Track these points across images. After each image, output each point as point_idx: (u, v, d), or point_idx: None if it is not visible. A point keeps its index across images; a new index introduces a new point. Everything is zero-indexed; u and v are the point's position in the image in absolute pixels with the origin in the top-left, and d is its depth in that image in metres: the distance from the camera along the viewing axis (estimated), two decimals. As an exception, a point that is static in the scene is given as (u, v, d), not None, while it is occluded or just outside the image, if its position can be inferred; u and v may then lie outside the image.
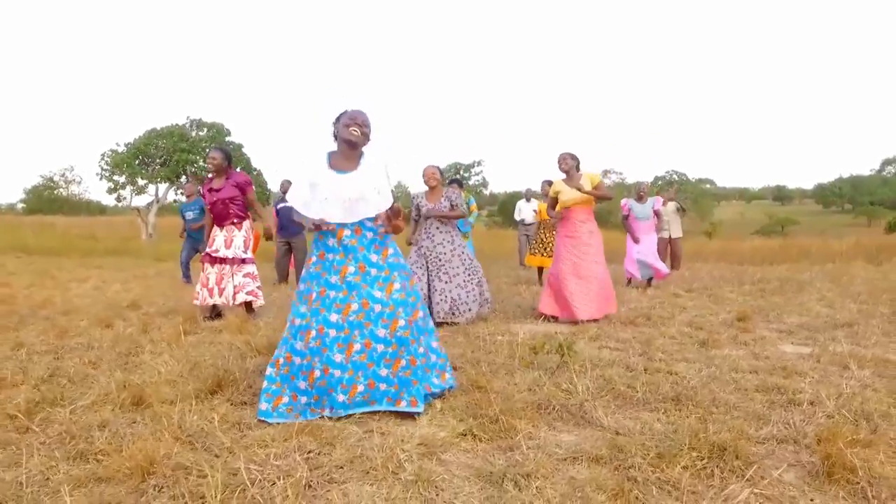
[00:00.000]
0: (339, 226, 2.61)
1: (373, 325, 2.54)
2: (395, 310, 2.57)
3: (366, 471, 1.92)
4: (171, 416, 2.38)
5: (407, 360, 2.54)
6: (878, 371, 3.38)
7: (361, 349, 2.51)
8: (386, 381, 2.51)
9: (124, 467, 1.87)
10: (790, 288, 7.68)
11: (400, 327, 2.56)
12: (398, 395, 2.51)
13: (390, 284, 2.62)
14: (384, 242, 2.71)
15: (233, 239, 4.91)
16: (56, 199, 53.73)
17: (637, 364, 3.37)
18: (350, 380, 2.48)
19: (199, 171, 23.32)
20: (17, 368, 3.19)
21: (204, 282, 4.85)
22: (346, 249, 2.62)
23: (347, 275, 2.59)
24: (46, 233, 25.05)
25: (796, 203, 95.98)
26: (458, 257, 4.80)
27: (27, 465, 1.96)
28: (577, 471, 1.92)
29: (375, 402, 2.50)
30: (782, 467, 1.98)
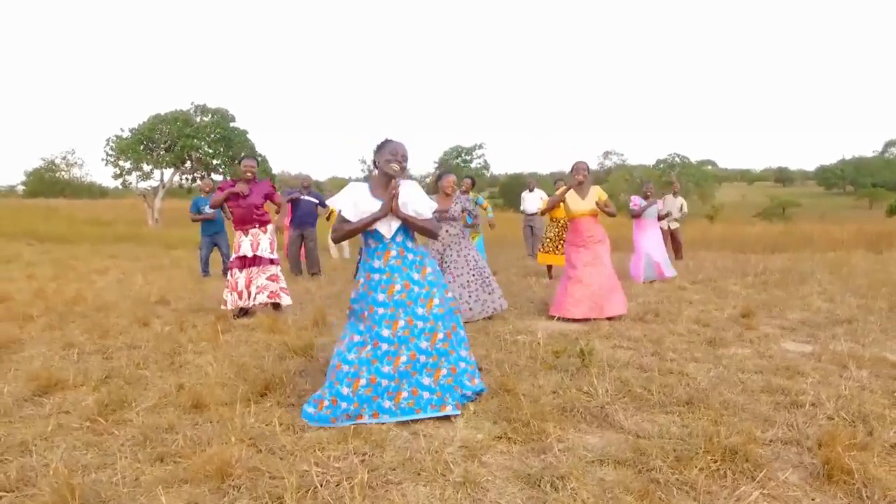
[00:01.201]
0: (384, 247, 2.84)
1: (416, 339, 2.77)
2: (436, 324, 2.81)
3: (417, 472, 2.17)
4: (232, 419, 2.63)
5: (448, 369, 2.79)
6: (875, 371, 3.62)
7: (407, 360, 2.74)
8: (429, 389, 2.74)
9: (204, 470, 2.11)
10: (792, 280, 7.90)
11: (439, 339, 2.80)
12: (442, 400, 2.74)
13: (430, 301, 2.85)
14: (423, 262, 2.92)
15: (259, 242, 5.13)
16: (57, 181, 53.79)
17: (650, 364, 3.61)
18: (395, 388, 2.72)
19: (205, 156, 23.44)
20: (76, 370, 3.43)
21: (233, 286, 5.06)
22: (391, 269, 2.84)
23: (394, 293, 2.81)
24: (53, 218, 25.25)
25: (798, 185, 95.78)
26: (463, 258, 5.01)
27: (118, 466, 2.20)
28: (605, 472, 2.17)
29: (421, 409, 2.71)
30: (787, 469, 2.23)
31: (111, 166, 23.04)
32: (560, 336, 4.42)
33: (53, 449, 2.39)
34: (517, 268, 9.78)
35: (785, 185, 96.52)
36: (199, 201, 8.24)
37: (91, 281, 7.69)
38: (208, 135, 22.81)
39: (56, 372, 3.37)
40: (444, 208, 4.98)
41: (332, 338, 4.37)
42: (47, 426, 2.61)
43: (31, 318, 4.95)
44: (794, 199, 60.38)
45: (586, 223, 5.27)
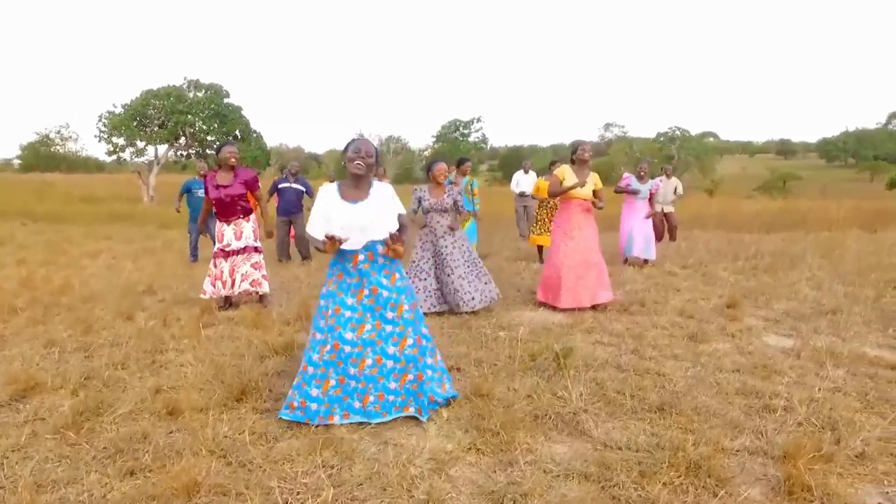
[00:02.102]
0: (353, 252, 2.81)
1: (384, 343, 2.79)
2: (405, 329, 2.81)
3: (383, 488, 2.19)
4: (204, 427, 2.65)
5: (414, 375, 2.80)
6: (852, 369, 3.64)
7: (373, 364, 2.77)
8: (394, 392, 2.78)
9: (171, 486, 2.13)
10: (782, 265, 7.89)
11: (408, 346, 2.80)
12: (405, 403, 2.80)
13: (400, 306, 2.84)
14: (392, 268, 2.90)
15: (242, 231, 5.09)
16: (54, 156, 53.40)
17: (628, 363, 3.62)
18: (363, 390, 2.76)
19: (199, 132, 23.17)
20: (55, 371, 3.44)
21: (217, 275, 5.05)
22: (360, 273, 2.83)
23: (363, 297, 2.81)
24: (48, 195, 25.15)
25: (800, 157, 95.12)
26: (458, 250, 4.98)
27: (86, 482, 2.22)
28: (568, 488, 2.19)
29: (387, 413, 2.78)
30: (750, 482, 2.25)
31: (105, 143, 22.81)
32: (543, 331, 4.43)
33: (26, 461, 2.41)
34: (509, 251, 9.76)
35: (786, 157, 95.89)
36: (191, 184, 8.16)
37: (81, 267, 7.68)
38: (202, 111, 22.49)
39: (35, 373, 3.38)
40: (437, 199, 4.93)
41: (315, 333, 4.38)
42: (21, 435, 2.63)
43: (15, 312, 4.96)
44: (795, 171, 60.05)
45: (578, 207, 5.21)
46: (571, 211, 5.21)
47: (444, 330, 4.33)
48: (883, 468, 2.38)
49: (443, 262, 4.91)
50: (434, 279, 4.94)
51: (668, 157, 51.94)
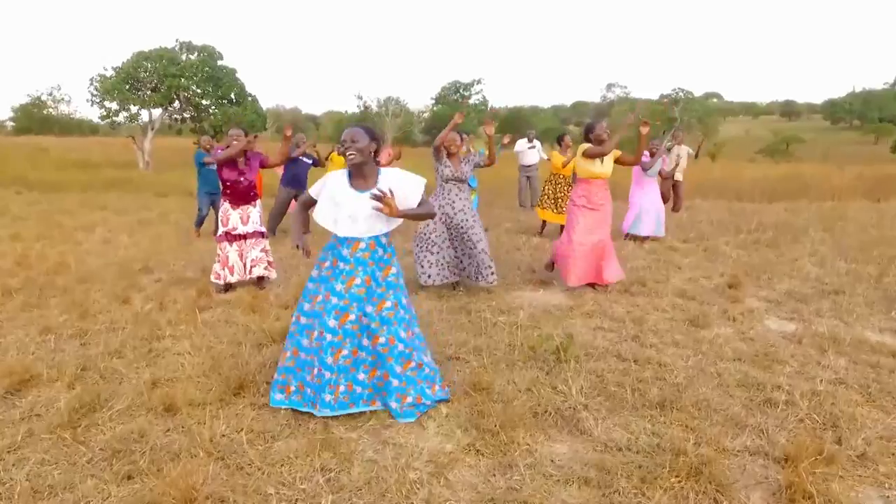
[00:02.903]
0: (355, 239, 2.74)
1: (362, 336, 2.76)
2: (380, 327, 2.76)
3: (382, 493, 2.18)
4: (202, 425, 2.63)
5: (381, 373, 2.77)
6: (854, 357, 3.62)
7: (348, 355, 2.75)
8: (362, 384, 2.78)
9: (169, 493, 2.12)
10: (784, 238, 7.83)
11: (380, 343, 2.76)
12: (372, 396, 2.81)
13: (382, 302, 2.79)
14: (389, 261, 2.83)
15: (249, 215, 5.02)
16: (47, 119, 52.58)
17: (629, 352, 3.59)
18: (335, 381, 2.74)
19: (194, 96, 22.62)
20: (51, 362, 3.41)
21: (224, 261, 4.97)
22: (356, 261, 2.77)
23: (353, 286, 2.76)
24: (42, 161, 24.80)
25: (804, 119, 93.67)
26: (478, 223, 4.89)
27: (83, 488, 2.21)
28: (568, 493, 2.18)
29: (354, 404, 2.78)
30: (751, 485, 2.24)
31: (97, 107, 22.33)
32: (543, 315, 4.39)
33: (22, 463, 2.39)
34: (510, 222, 9.66)
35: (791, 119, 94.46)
36: (200, 155, 7.97)
37: (76, 242, 7.59)
38: (195, 74, 21.93)
39: (31, 364, 3.34)
40: (456, 168, 4.79)
41: (313, 317, 4.34)
42: (18, 434, 2.61)
43: (10, 294, 4.90)
44: (799, 134, 59.18)
45: (599, 186, 5.07)
46: (592, 189, 5.06)
47: (443, 315, 4.29)
48: (884, 469, 2.37)
49: (463, 234, 4.79)
50: (451, 250, 4.86)
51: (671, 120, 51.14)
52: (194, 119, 23.49)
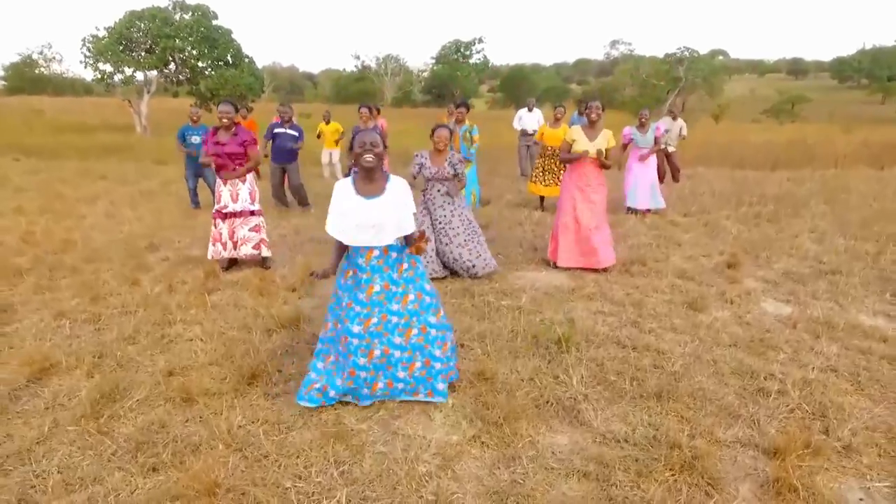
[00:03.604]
0: (367, 248, 2.79)
1: (390, 335, 2.84)
2: (410, 320, 2.85)
3: (393, 486, 2.31)
4: (218, 415, 2.76)
5: (422, 363, 2.87)
6: (847, 342, 3.73)
7: (381, 355, 2.83)
8: (403, 381, 2.87)
9: (193, 486, 2.25)
10: (785, 212, 7.87)
11: (413, 335, 2.86)
12: (415, 389, 2.90)
13: (405, 297, 2.86)
14: (401, 259, 2.89)
15: (238, 192, 5.03)
16: (39, 78, 51.62)
17: (628, 338, 3.70)
18: (372, 379, 2.85)
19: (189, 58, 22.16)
20: (68, 349, 3.52)
21: (216, 237, 5.04)
22: (372, 269, 2.83)
23: (373, 293, 2.83)
24: (38, 124, 24.54)
25: (811, 77, 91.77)
26: (457, 217, 4.90)
27: (111, 481, 2.34)
28: (568, 486, 2.31)
29: (394, 396, 2.90)
30: (741, 478, 2.38)
31: (90, 69, 21.91)
32: (545, 298, 4.49)
33: (52, 455, 2.53)
34: (511, 193, 9.66)
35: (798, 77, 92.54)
36: (185, 130, 7.94)
37: (80, 216, 7.63)
38: (189, 34, 21.39)
39: (50, 351, 3.46)
40: (438, 167, 4.80)
41: (319, 300, 4.44)
42: (45, 425, 2.73)
43: (21, 275, 4.98)
44: (805, 93, 58.17)
45: (591, 166, 5.10)
46: (584, 169, 5.09)
47: (447, 299, 4.38)
48: (867, 461, 2.50)
49: (441, 229, 4.86)
50: (435, 244, 4.93)
51: (676, 79, 50.15)
52: (190, 81, 23.08)
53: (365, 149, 2.73)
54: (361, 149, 2.73)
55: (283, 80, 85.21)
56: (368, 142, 2.74)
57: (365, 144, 2.73)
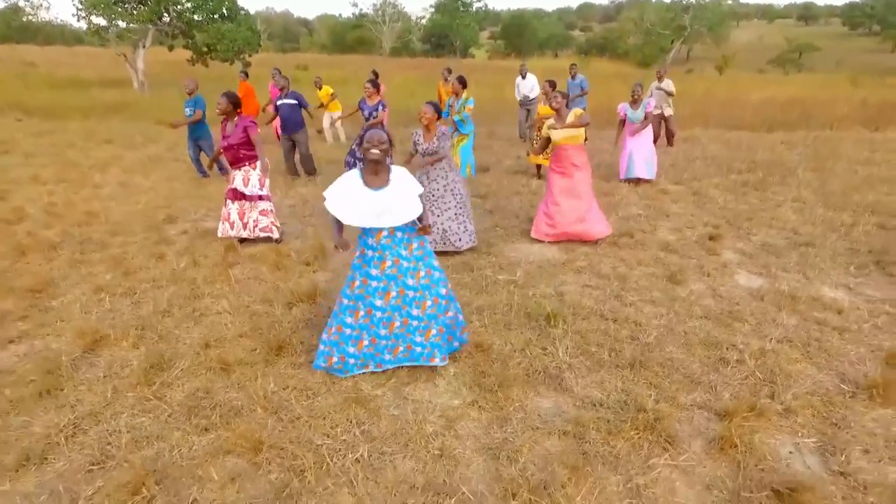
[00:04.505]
0: (377, 229, 3.18)
1: (408, 307, 3.26)
2: (424, 293, 3.27)
3: (405, 443, 2.80)
4: (254, 382, 3.23)
5: (436, 330, 3.31)
6: (806, 314, 4.17)
7: (400, 325, 3.27)
8: (420, 345, 3.30)
9: (240, 444, 2.74)
10: (773, 179, 8.19)
11: (428, 307, 3.29)
12: (431, 354, 3.32)
13: (418, 273, 3.28)
14: (410, 239, 3.28)
15: (249, 178, 5.36)
16: (27, 26, 50.30)
17: (611, 311, 4.14)
18: (393, 345, 3.30)
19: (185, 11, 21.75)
20: (112, 322, 3.97)
21: (226, 216, 5.42)
22: (382, 248, 3.22)
23: (386, 268, 3.23)
24: (33, 78, 24.29)
25: (821, 23, 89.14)
26: (449, 192, 5.22)
27: (172, 439, 2.83)
28: (550, 443, 2.80)
29: (413, 360, 3.33)
30: (694, 436, 2.86)
31: (84, 22, 21.52)
32: (538, 272, 4.91)
33: (117, 417, 3.00)
34: (510, 159, 9.94)
35: (807, 23, 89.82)
36: (185, 104, 8.17)
37: (95, 185, 7.95)
38: (183, -14, 20.92)
39: (96, 325, 3.91)
40: (428, 144, 5.08)
41: (332, 274, 4.86)
42: (107, 392, 3.21)
43: (54, 248, 5.39)
44: (814, 41, 56.74)
45: (569, 150, 5.43)
46: (561, 154, 5.43)
47: (449, 274, 4.78)
48: (801, 420, 2.99)
49: (434, 203, 5.18)
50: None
51: (681, 28, 48.95)
52: (186, 35, 22.71)
53: (372, 144, 3.08)
54: (369, 144, 3.08)
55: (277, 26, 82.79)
56: (376, 139, 3.08)
57: (372, 140, 3.08)
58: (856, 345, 3.74)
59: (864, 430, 2.91)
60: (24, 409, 3.06)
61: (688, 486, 2.55)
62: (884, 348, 3.68)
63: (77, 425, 2.94)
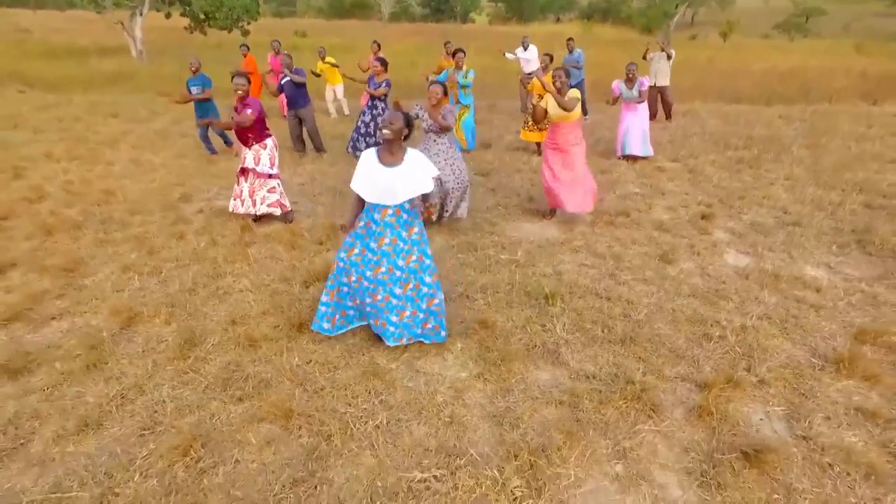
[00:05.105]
0: (384, 206, 3.45)
1: (392, 285, 3.56)
2: (409, 276, 3.57)
3: (419, 411, 3.15)
4: (280, 356, 3.57)
5: (410, 312, 3.61)
6: (787, 292, 4.49)
7: (381, 300, 3.57)
8: (394, 325, 3.60)
9: (272, 412, 3.08)
10: (767, 156, 8.41)
11: (409, 289, 3.59)
12: (400, 335, 3.63)
13: (409, 256, 3.57)
14: (412, 222, 3.56)
15: (259, 157, 5.60)
16: (17, -10, 49.07)
17: (605, 290, 4.46)
18: (375, 316, 3.61)
19: None
20: (143, 300, 4.29)
21: (237, 194, 5.69)
22: (385, 224, 3.51)
23: (383, 244, 3.53)
24: (28, 46, 24.04)
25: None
26: (450, 166, 5.46)
27: (210, 407, 3.18)
28: (548, 412, 3.15)
29: (385, 338, 3.62)
30: (676, 406, 3.21)
31: (78, -12, 21.19)
32: (538, 251, 5.20)
33: (160, 388, 3.35)
34: (511, 134, 10.11)
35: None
36: (189, 82, 8.29)
37: (108, 162, 8.16)
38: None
39: (129, 302, 4.23)
40: (434, 121, 5.30)
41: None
42: (147, 365, 3.55)
43: (79, 228, 5.67)
44: (821, 4, 55.59)
45: (565, 127, 5.64)
46: (557, 131, 5.63)
47: (454, 254, 5.09)
48: (773, 391, 3.33)
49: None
50: None
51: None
52: (183, 2, 22.40)
53: (385, 125, 3.35)
54: (384, 124, 3.35)
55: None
56: (388, 120, 3.35)
57: (386, 122, 3.35)
58: (829, 321, 4.07)
59: (828, 400, 3.26)
60: (75, 380, 3.40)
61: (668, 448, 2.91)
62: (855, 324, 4.01)
63: (124, 395, 3.28)
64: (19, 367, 3.49)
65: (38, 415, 3.12)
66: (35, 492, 2.63)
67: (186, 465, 2.77)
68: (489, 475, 2.69)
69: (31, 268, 4.81)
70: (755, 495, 2.61)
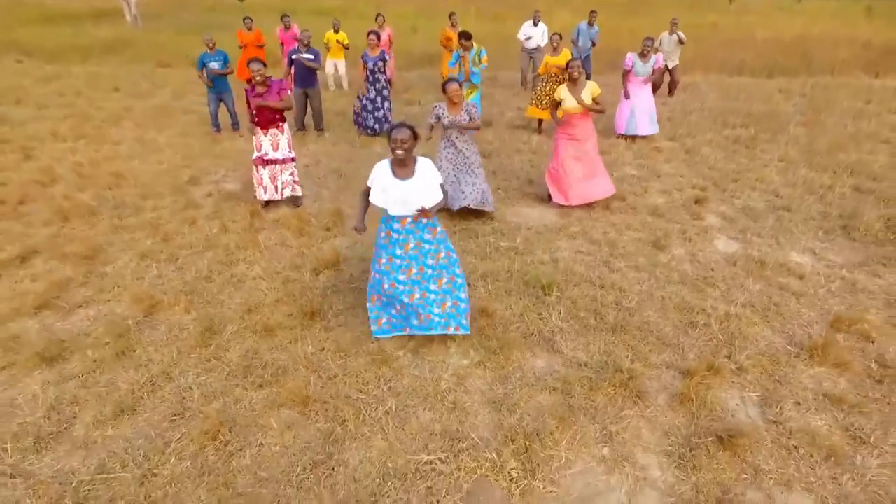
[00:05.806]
0: (402, 216, 3.67)
1: (427, 283, 3.81)
2: (441, 272, 3.81)
3: (424, 398, 3.44)
4: (294, 344, 3.84)
5: (451, 303, 3.87)
6: (771, 280, 4.74)
7: (419, 297, 3.82)
8: (438, 315, 3.86)
9: (290, 398, 3.37)
10: (764, 137, 8.54)
11: (444, 283, 3.84)
12: (447, 324, 3.88)
13: (437, 255, 3.80)
14: (434, 224, 3.77)
15: (278, 142, 5.76)
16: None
17: (599, 278, 4.71)
18: (415, 314, 3.87)
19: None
20: (163, 288, 4.54)
21: (260, 181, 5.86)
22: (406, 232, 3.73)
23: (409, 250, 3.76)
24: (23, 12, 23.62)
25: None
26: (473, 156, 5.62)
27: (234, 393, 3.47)
28: (542, 398, 3.44)
29: (433, 328, 3.87)
30: (661, 391, 3.50)
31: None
32: (536, 238, 5.43)
33: (185, 375, 3.63)
34: (511, 110, 10.18)
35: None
36: (204, 57, 8.34)
37: (114, 142, 8.29)
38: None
39: (149, 290, 4.48)
40: (455, 116, 5.40)
41: (351, 240, 5.37)
42: (172, 353, 3.82)
43: (94, 213, 5.88)
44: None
45: (578, 120, 5.78)
46: (573, 122, 5.78)
47: (454, 240, 5.30)
48: (750, 377, 3.62)
49: (469, 167, 5.56)
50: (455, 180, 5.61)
51: None
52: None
53: (397, 145, 3.51)
54: (394, 144, 3.51)
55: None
56: (399, 139, 3.51)
57: (397, 141, 3.51)
58: (809, 308, 4.33)
59: (800, 386, 3.55)
60: (107, 367, 3.68)
61: (650, 432, 3.21)
62: (832, 312, 4.28)
63: (154, 382, 3.57)
64: (55, 354, 3.76)
65: (77, 400, 3.41)
66: (83, 472, 2.94)
67: (216, 448, 3.07)
68: (488, 458, 2.99)
69: (52, 255, 5.05)
70: (726, 475, 2.92)
